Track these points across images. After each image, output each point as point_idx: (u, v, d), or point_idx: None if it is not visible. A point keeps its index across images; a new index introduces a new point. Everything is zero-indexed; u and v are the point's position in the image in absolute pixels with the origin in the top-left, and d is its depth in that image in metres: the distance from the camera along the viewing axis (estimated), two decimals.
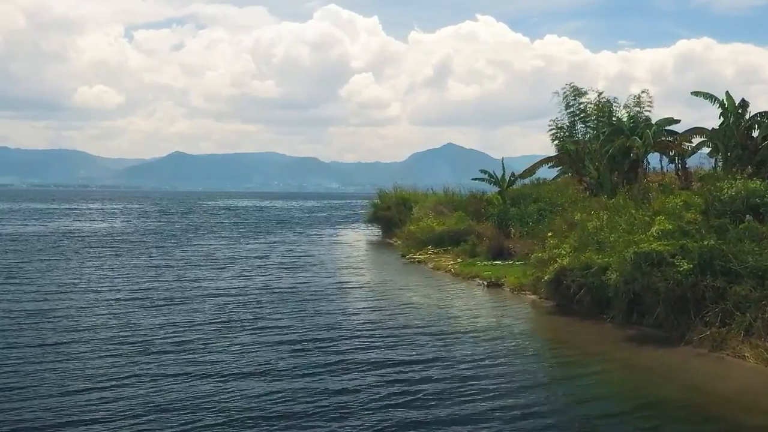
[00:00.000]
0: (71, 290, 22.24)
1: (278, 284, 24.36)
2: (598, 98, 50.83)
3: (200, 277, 26.06)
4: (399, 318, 18.45)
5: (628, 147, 31.38)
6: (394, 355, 14.56)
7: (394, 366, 13.63)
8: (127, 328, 16.72)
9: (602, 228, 19.14)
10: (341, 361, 13.87)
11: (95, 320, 17.56)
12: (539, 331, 17.90)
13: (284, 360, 13.92)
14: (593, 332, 17.03)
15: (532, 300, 21.21)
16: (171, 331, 16.39)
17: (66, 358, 13.73)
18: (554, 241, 20.72)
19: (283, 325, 17.24)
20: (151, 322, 17.32)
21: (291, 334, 16.32)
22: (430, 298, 21.83)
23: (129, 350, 14.51)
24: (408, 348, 15.16)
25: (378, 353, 14.64)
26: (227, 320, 17.86)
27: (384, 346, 15.22)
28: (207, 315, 18.47)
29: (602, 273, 17.41)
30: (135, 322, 17.43)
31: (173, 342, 15.30)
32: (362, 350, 14.85)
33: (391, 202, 47.21)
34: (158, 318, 17.90)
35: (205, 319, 17.83)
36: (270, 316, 18.52)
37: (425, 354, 14.67)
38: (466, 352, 14.99)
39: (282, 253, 35.91)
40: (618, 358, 14.78)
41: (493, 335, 16.70)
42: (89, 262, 30.24)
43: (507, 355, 14.76)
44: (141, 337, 15.66)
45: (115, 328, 16.63)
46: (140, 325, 16.99)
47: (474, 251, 30.71)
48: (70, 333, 16.00)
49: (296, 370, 13.21)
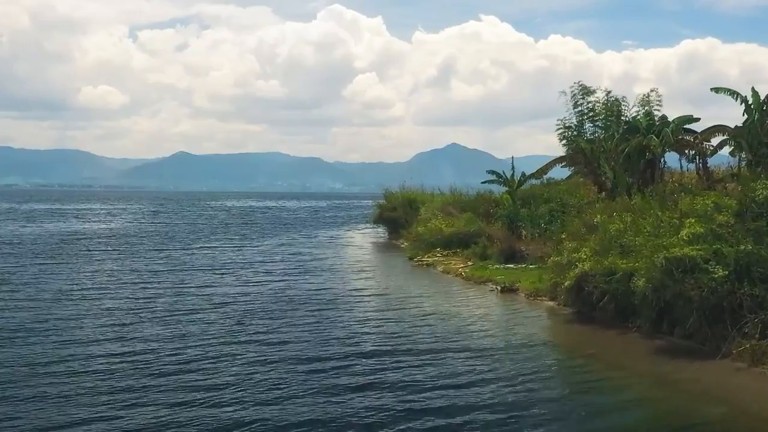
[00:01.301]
0: (64, 299, 20.86)
1: (285, 292, 22.92)
2: (606, 97, 50.27)
3: (203, 284, 24.64)
4: (412, 330, 17.28)
5: (644, 146, 30.30)
6: (413, 373, 13.49)
7: (413, 386, 12.56)
8: (123, 342, 15.47)
9: (626, 231, 18.03)
10: (360, 383, 12.56)
11: (89, 333, 16.29)
12: (560, 341, 16.78)
13: (298, 383, 12.47)
14: (618, 343, 15.94)
15: (550, 307, 20.11)
16: (172, 348, 14.85)
17: (57, 381, 12.41)
18: (573, 244, 19.61)
19: (293, 340, 15.83)
20: (151, 337, 15.94)
21: (302, 350, 14.92)
22: (442, 307, 20.61)
23: (124, 370, 13.13)
24: (424, 364, 14.09)
25: (395, 372, 13.50)
26: (233, 335, 16.31)
27: (400, 364, 14.07)
28: (212, 329, 16.93)
29: (627, 279, 16.35)
30: (133, 336, 16.04)
31: (175, 362, 13.74)
32: (380, 371, 13.56)
33: (397, 203, 46.19)
34: (159, 332, 16.50)
35: (210, 335, 16.27)
36: (279, 329, 16.96)
37: (441, 370, 13.65)
38: (484, 366, 13.99)
39: (287, 256, 34.67)
40: (647, 371, 13.72)
41: (512, 347, 15.67)
42: (86, 266, 29.09)
43: (527, 369, 13.74)
44: (139, 356, 14.15)
45: (110, 341, 15.45)
46: (139, 340, 15.61)
47: (485, 254, 29.67)
48: (61, 349, 14.81)
49: (312, 395, 11.84)
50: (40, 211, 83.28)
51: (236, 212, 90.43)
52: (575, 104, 49.29)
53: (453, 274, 27.40)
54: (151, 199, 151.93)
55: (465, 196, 42.81)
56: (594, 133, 49.11)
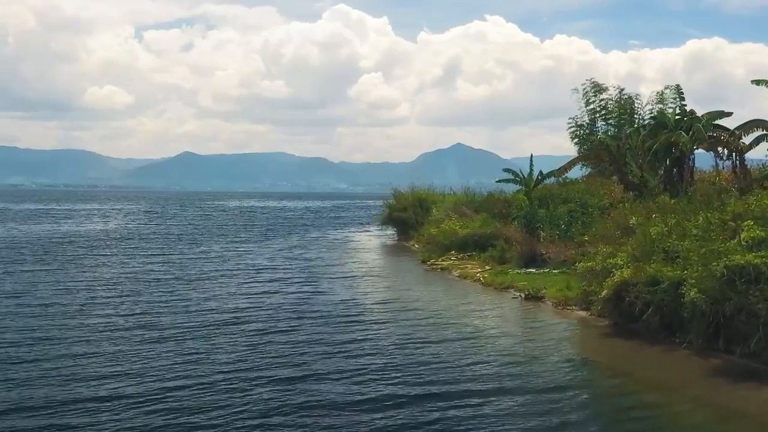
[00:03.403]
0: (54, 311, 18.80)
1: (295, 303, 20.42)
2: (619, 95, 48.41)
3: (207, 294, 21.95)
4: (434, 345, 15.52)
5: (672, 142, 28.50)
6: (434, 389, 11.88)
7: (437, 400, 11.05)
8: (114, 363, 13.54)
9: (670, 234, 16.24)
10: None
11: (79, 350, 14.52)
12: (600, 358, 14.83)
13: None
14: (666, 361, 14.15)
15: (582, 318, 18.30)
16: (171, 385, 12.09)
17: (47, 407, 10.83)
18: (608, 248, 17.82)
19: (309, 366, 13.44)
20: (144, 368, 13.19)
21: (321, 381, 12.44)
22: (465, 317, 18.76)
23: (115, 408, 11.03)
24: (451, 381, 12.46)
25: (415, 387, 12.00)
26: (239, 362, 13.62)
27: (422, 382, 12.47)
28: (217, 352, 14.36)
29: (675, 289, 14.58)
30: (126, 358, 14.06)
31: (172, 409, 11.00)
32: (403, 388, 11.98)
33: (407, 203, 44.38)
34: (154, 355, 13.94)
35: (215, 360, 13.65)
36: (290, 352, 14.41)
37: (472, 387, 12.07)
38: (513, 384, 12.41)
39: (293, 261, 32.25)
40: (705, 398, 11.97)
41: (544, 363, 13.94)
42: (83, 273, 26.90)
43: (563, 390, 12.09)
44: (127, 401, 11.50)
45: (100, 363, 13.55)
46: (130, 370, 13.22)
47: (503, 257, 27.89)
48: (51, 367, 13.21)
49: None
50: (32, 212, 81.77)
51: (240, 213, 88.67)
52: (587, 102, 47.86)
53: (470, 279, 25.60)
54: (154, 200, 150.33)
55: (478, 196, 41.14)
56: (606, 131, 47.57)
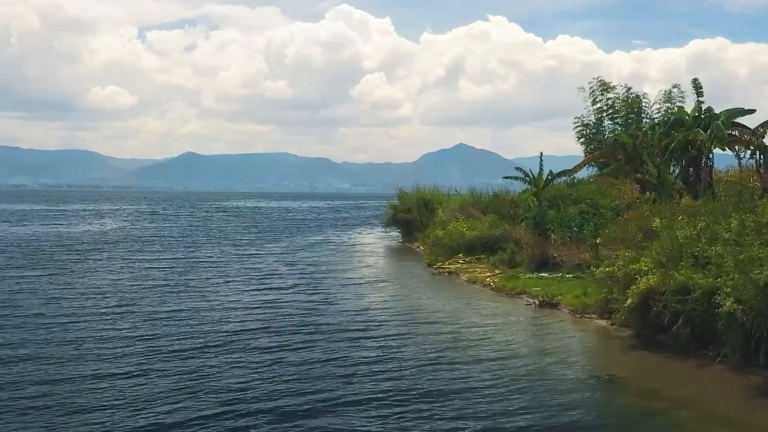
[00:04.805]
0: (38, 322, 17.44)
1: (304, 315, 18.65)
2: (626, 93, 47.18)
3: (208, 304, 20.19)
4: (447, 358, 14.38)
5: (689, 140, 27.35)
6: (447, 412, 10.68)
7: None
8: (97, 392, 12.23)
9: (699, 238, 15.06)
10: None
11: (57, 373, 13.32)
12: (623, 373, 13.48)
13: None
14: (699, 377, 12.95)
15: (602, 327, 17.08)
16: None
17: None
18: (630, 253, 16.64)
19: (326, 391, 11.90)
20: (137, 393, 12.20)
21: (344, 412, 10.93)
22: (476, 326, 17.47)
23: None
24: (467, 401, 11.28)
25: (428, 409, 10.81)
26: (246, 389, 11.88)
27: (436, 405, 11.25)
28: (219, 376, 12.63)
29: (708, 298, 13.41)
30: (112, 383, 12.79)
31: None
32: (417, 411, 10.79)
33: (411, 204, 43.21)
34: (147, 382, 12.22)
35: (215, 387, 11.93)
36: (303, 375, 12.81)
37: (487, 409, 10.86)
38: (533, 404, 11.20)
39: (300, 266, 30.48)
40: (741, 417, 10.84)
41: (564, 380, 12.78)
42: (75, 281, 25.35)
43: (585, 411, 11.00)
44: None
45: (78, 392, 12.31)
46: (117, 400, 11.86)
47: (513, 261, 26.68)
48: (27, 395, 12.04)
49: None
50: (27, 213, 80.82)
51: (242, 214, 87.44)
52: (594, 101, 46.65)
53: (480, 284, 24.38)
54: (156, 200, 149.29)
55: (484, 196, 40.00)
56: (613, 130, 46.33)
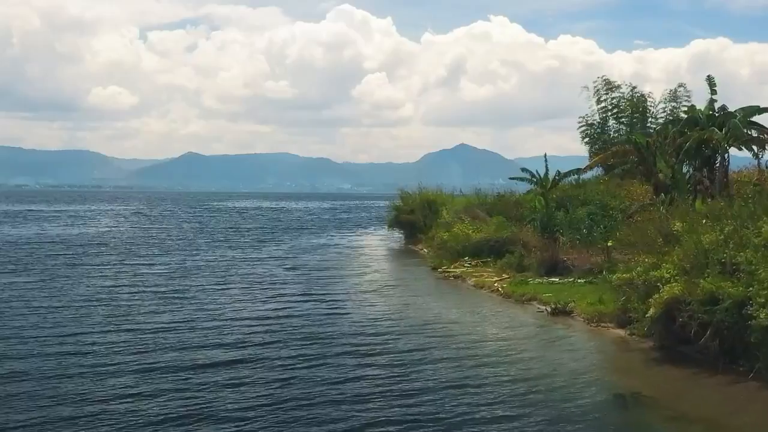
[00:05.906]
0: (27, 335, 16.34)
1: (313, 326, 17.47)
2: (631, 93, 46.26)
3: (203, 314, 18.91)
4: (457, 373, 13.44)
5: (704, 140, 26.33)
6: None
7: None
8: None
9: (726, 243, 14.08)
10: None
11: None
12: (646, 390, 12.36)
13: None
14: (730, 394, 11.98)
15: (620, 337, 16.09)
16: None
17: None
18: (650, 258, 15.66)
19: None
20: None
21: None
22: (491, 340, 16.37)
23: None
24: None
25: None
26: (255, 419, 10.72)
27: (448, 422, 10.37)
28: (224, 400, 11.55)
29: (739, 308, 12.45)
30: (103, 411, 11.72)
31: None
32: None
33: (414, 205, 42.19)
34: (139, 409, 11.03)
35: (219, 415, 10.84)
36: (318, 398, 11.73)
37: None
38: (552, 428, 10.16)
39: (304, 270, 29.19)
40: None
41: (582, 396, 11.85)
42: (68, 287, 24.42)
43: None
44: None
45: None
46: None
47: (521, 264, 25.70)
48: None
49: None
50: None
51: (244, 215, 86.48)
52: (598, 100, 45.75)
53: (487, 289, 23.39)
54: (157, 201, 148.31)
55: (489, 197, 39.03)
56: (618, 130, 45.44)
